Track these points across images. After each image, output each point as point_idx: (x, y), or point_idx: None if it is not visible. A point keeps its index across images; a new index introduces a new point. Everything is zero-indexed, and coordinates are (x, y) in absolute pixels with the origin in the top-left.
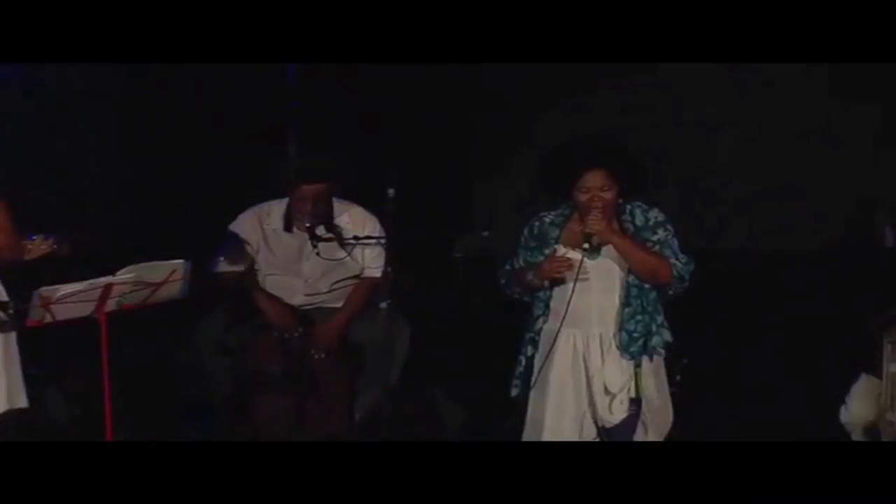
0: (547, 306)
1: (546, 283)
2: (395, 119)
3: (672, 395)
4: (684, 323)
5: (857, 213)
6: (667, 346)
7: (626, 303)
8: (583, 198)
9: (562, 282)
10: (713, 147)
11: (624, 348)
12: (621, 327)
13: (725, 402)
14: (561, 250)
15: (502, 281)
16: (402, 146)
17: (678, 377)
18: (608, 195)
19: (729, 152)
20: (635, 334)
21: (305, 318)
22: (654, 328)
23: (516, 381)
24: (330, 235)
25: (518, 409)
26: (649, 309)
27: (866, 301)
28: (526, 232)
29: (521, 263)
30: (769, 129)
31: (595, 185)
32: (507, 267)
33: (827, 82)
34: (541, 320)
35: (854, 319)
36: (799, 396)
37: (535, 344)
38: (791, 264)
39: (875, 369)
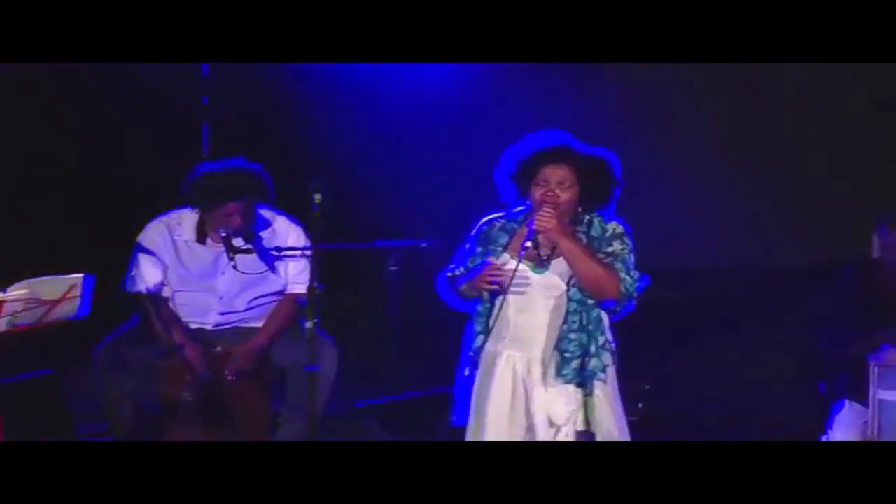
0: (486, 323)
1: (481, 293)
2: (324, 119)
3: (633, 424)
4: (652, 344)
5: (841, 221)
6: (606, 370)
7: (564, 319)
8: (538, 192)
9: (501, 294)
10: (686, 157)
11: (557, 371)
12: (557, 346)
13: (696, 429)
14: (506, 258)
15: (439, 290)
16: (331, 148)
17: (640, 405)
18: (566, 194)
19: (703, 162)
20: (567, 354)
21: (221, 342)
22: (592, 349)
23: (457, 408)
24: (248, 247)
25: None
26: (589, 327)
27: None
28: (473, 236)
29: (462, 270)
30: (744, 137)
31: (554, 180)
32: (448, 273)
33: (806, 85)
34: (480, 338)
35: (838, 338)
36: (776, 423)
37: (472, 364)
38: (770, 279)
39: (860, 395)
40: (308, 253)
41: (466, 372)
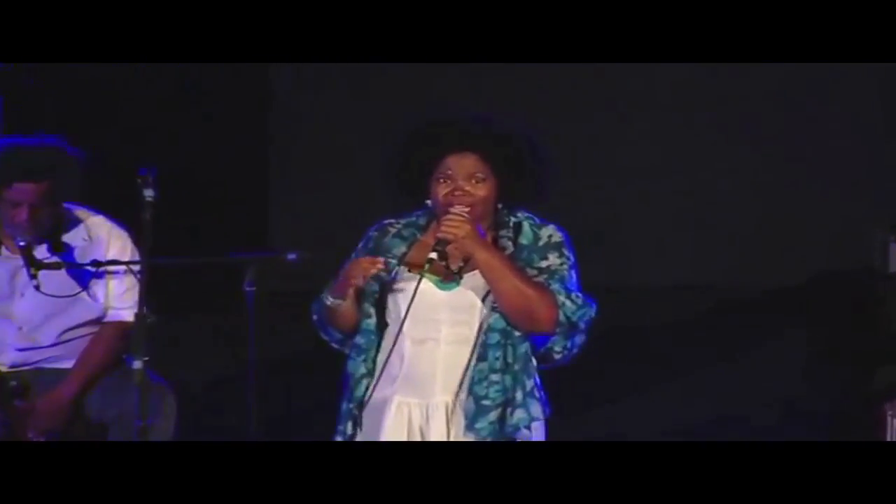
0: (373, 362)
1: (343, 300)
2: (157, 93)
3: None
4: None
5: (851, 232)
6: (532, 424)
7: (481, 355)
8: (441, 190)
9: (389, 315)
10: (652, 151)
11: (469, 423)
12: (471, 390)
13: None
14: (403, 272)
15: (314, 316)
16: (168, 131)
17: None
18: (481, 191)
19: (680, 158)
20: (486, 402)
21: (19, 386)
22: (518, 396)
23: None
24: (56, 260)
25: None
26: (515, 367)
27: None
28: (360, 245)
29: None
30: (734, 130)
31: (460, 173)
32: (323, 297)
33: (802, 76)
34: (363, 384)
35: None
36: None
37: (355, 418)
38: (764, 301)
39: None
40: (136, 268)
41: (350, 430)
